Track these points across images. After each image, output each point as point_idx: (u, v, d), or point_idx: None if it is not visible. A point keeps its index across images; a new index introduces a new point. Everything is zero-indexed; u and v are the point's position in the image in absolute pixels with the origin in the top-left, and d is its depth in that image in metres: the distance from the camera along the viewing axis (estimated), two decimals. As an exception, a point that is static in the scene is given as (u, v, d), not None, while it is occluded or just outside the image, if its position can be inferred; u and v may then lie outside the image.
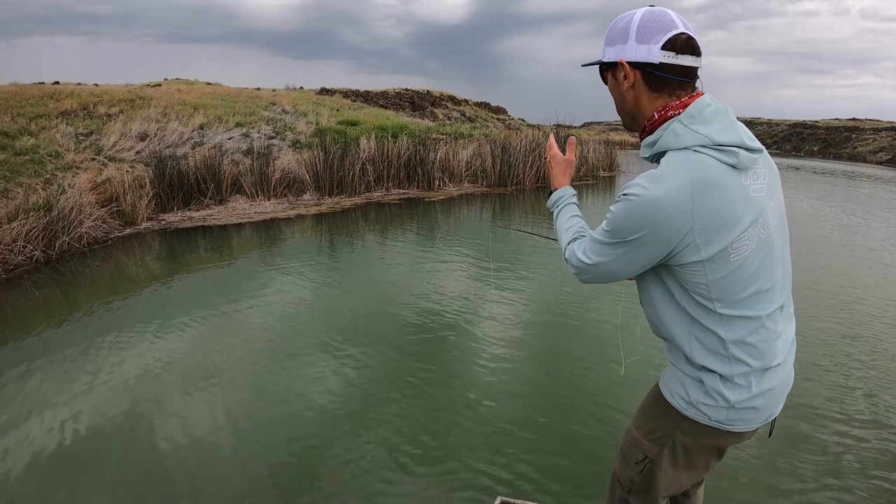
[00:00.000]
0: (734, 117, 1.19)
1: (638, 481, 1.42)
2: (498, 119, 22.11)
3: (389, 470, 2.53)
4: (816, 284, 5.25)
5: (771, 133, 36.69)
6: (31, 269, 5.61)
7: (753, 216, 1.14)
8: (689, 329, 1.23)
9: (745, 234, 1.12)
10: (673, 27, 1.15)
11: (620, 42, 1.20)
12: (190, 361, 3.63)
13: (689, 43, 1.15)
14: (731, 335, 1.18)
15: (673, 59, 1.15)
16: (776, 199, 1.23)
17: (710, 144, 1.12)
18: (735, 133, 1.15)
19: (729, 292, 1.15)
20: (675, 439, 1.32)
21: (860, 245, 7.15)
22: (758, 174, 1.18)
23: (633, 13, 1.19)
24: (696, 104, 1.16)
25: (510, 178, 11.75)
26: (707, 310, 1.18)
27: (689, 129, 1.14)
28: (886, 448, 2.67)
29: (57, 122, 9.43)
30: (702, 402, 1.24)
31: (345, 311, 4.51)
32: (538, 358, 3.71)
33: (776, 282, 1.21)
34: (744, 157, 1.12)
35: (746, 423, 1.25)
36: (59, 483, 2.47)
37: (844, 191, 13.44)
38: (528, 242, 6.90)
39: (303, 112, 13.70)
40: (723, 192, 1.10)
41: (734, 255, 1.12)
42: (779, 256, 1.22)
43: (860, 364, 3.56)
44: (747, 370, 1.20)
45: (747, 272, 1.15)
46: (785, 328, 1.28)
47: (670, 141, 1.16)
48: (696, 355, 1.23)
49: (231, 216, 8.26)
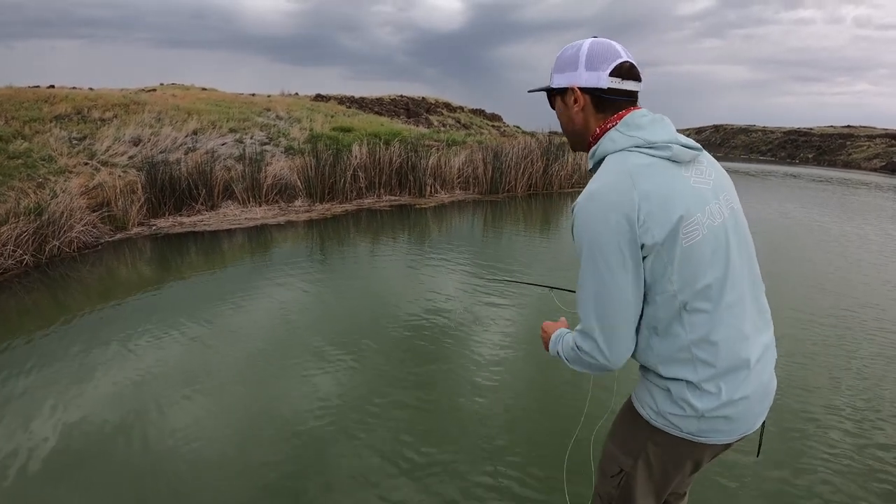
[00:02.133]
0: (670, 123, 1.29)
1: (616, 495, 1.41)
2: (493, 126, 22.21)
3: (384, 477, 2.56)
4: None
5: (766, 140, 36.88)
6: (20, 274, 5.66)
7: (699, 203, 1.21)
8: (652, 339, 1.26)
9: (694, 218, 1.18)
10: (618, 56, 1.27)
11: (570, 70, 1.31)
12: (181, 367, 3.66)
13: (631, 70, 1.28)
14: (693, 334, 1.20)
15: (619, 84, 1.27)
16: (725, 196, 1.28)
17: (644, 144, 1.23)
18: (668, 133, 1.25)
19: (688, 280, 1.19)
20: (648, 451, 1.33)
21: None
22: (701, 171, 1.26)
23: (581, 43, 1.31)
24: (631, 115, 1.28)
25: (502, 184, 11.83)
26: (670, 310, 1.21)
27: (625, 135, 1.25)
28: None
29: (51, 125, 9.49)
30: (670, 413, 1.25)
31: (336, 317, 4.57)
32: (533, 364, 3.75)
33: (736, 277, 1.23)
34: (678, 150, 1.21)
35: (720, 434, 1.24)
36: (46, 490, 2.48)
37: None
38: (524, 246, 6.98)
39: (297, 118, 13.79)
40: (662, 174, 1.20)
41: (686, 239, 1.17)
42: (736, 253, 1.24)
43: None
44: (713, 372, 1.20)
45: (703, 259, 1.19)
46: (757, 333, 1.27)
47: (607, 147, 1.27)
48: (661, 367, 1.25)
49: (222, 222, 8.32)
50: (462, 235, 7.90)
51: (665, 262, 1.18)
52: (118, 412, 3.10)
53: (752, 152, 36.04)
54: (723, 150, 36.75)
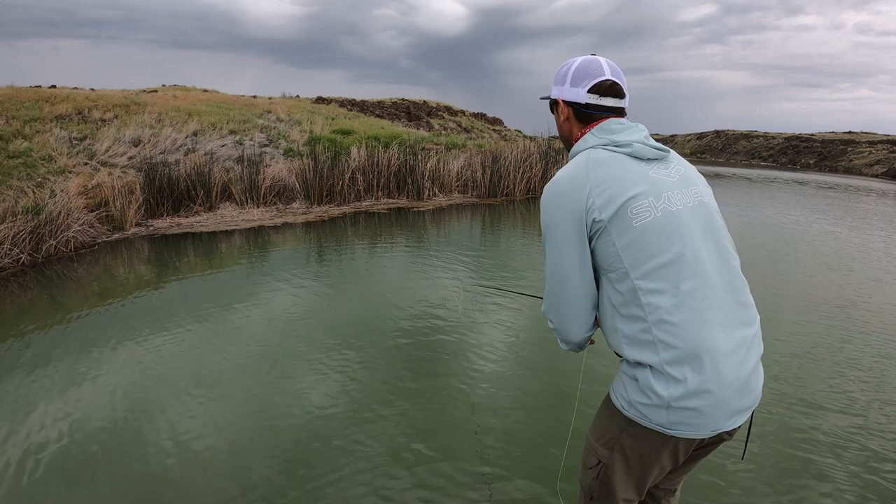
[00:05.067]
0: (642, 129, 1.39)
1: (596, 487, 1.44)
2: (494, 130, 22.26)
3: (385, 478, 2.56)
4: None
5: (767, 146, 36.86)
6: (16, 272, 5.70)
7: (654, 189, 1.29)
8: (616, 320, 1.32)
9: (645, 201, 1.27)
10: (600, 74, 1.39)
11: (560, 84, 1.46)
12: (179, 367, 3.66)
13: (612, 88, 1.40)
14: (653, 315, 1.24)
15: (597, 101, 1.40)
16: (694, 190, 1.36)
17: (610, 144, 1.35)
18: (636, 136, 1.35)
19: (640, 258, 1.25)
20: (623, 443, 1.35)
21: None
22: (666, 166, 1.36)
23: (574, 60, 1.44)
24: (607, 122, 1.40)
25: (500, 188, 11.85)
26: (625, 288, 1.27)
27: (596, 137, 1.38)
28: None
29: (51, 125, 9.55)
30: (639, 402, 1.27)
31: (333, 319, 4.57)
32: (532, 366, 3.76)
33: (697, 263, 1.25)
34: (638, 147, 1.32)
35: (689, 427, 1.24)
36: (41, 491, 2.47)
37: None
38: (521, 250, 6.99)
39: (297, 120, 13.84)
40: (617, 165, 1.31)
41: (636, 219, 1.26)
42: (700, 240, 1.28)
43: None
44: (675, 354, 1.21)
45: (654, 239, 1.25)
46: (732, 325, 1.27)
47: (580, 146, 1.41)
48: (626, 349, 1.30)
49: (219, 223, 8.36)
50: (459, 238, 7.91)
51: (613, 239, 1.27)
52: (114, 412, 3.10)
53: (754, 158, 36.01)
54: (724, 156, 36.67)
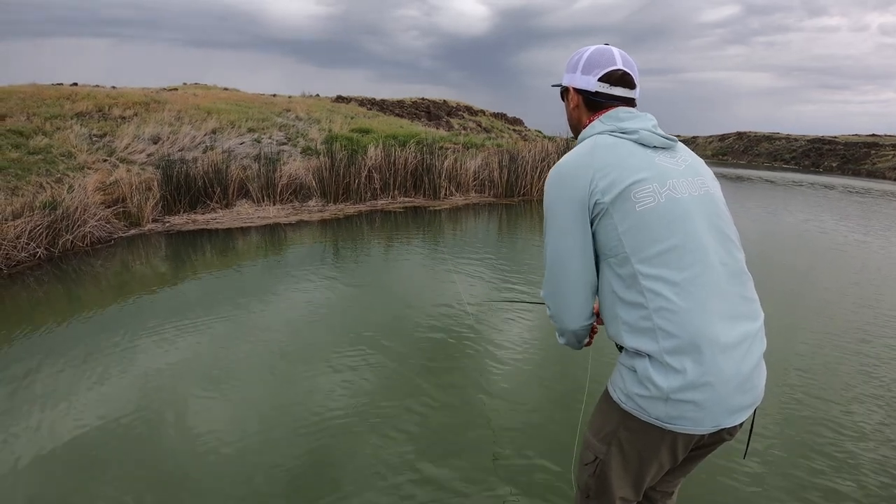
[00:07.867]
0: (650, 119, 1.38)
1: (593, 484, 1.40)
2: (514, 130, 22.10)
3: (403, 475, 2.51)
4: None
5: (790, 148, 36.14)
6: (33, 266, 5.71)
7: (659, 176, 1.27)
8: (616, 307, 1.29)
9: (649, 187, 1.25)
10: (612, 64, 1.39)
11: (571, 72, 1.45)
12: (197, 363, 3.61)
13: (623, 78, 1.39)
14: (653, 303, 1.21)
15: (607, 90, 1.39)
16: (700, 180, 1.34)
17: (617, 130, 1.34)
18: (643, 124, 1.34)
19: (641, 243, 1.23)
20: (621, 437, 1.31)
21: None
22: (673, 155, 1.34)
23: (587, 49, 1.43)
24: (616, 110, 1.39)
25: (517, 188, 11.72)
26: (626, 273, 1.25)
27: (604, 124, 1.37)
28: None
29: (72, 122, 9.64)
30: (637, 394, 1.24)
31: (350, 316, 4.50)
32: (552, 361, 3.72)
33: (699, 252, 1.23)
34: (645, 135, 1.31)
35: (688, 421, 1.20)
36: (61, 483, 2.45)
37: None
38: (534, 251, 6.87)
39: (316, 119, 13.85)
40: (622, 150, 1.30)
41: (639, 204, 1.24)
42: (704, 230, 1.27)
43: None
44: (675, 343, 1.18)
45: (656, 225, 1.23)
46: (735, 318, 1.24)
47: (587, 132, 1.40)
48: (626, 337, 1.27)
49: (235, 220, 8.34)
50: (475, 238, 7.81)
51: (615, 223, 1.25)
52: (130, 407, 3.05)
53: (776, 160, 35.33)
54: (746, 158, 35.99)
